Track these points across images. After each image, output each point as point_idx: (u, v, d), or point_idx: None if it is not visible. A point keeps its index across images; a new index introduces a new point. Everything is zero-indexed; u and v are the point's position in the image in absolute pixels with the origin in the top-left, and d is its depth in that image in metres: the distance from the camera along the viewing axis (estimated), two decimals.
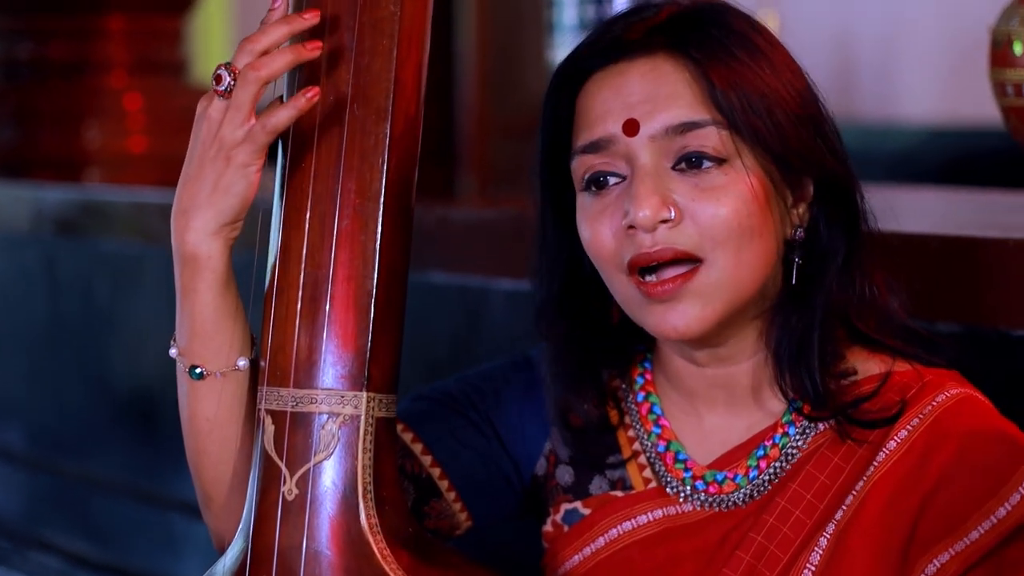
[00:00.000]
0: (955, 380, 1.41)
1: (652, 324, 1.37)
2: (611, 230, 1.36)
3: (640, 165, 1.35)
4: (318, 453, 1.33)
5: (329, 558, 1.32)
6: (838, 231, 1.40)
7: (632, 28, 1.38)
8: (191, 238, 1.36)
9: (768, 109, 1.35)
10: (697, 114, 1.35)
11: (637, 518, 1.44)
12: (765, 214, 1.36)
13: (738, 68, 1.35)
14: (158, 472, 2.93)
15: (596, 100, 1.38)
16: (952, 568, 1.35)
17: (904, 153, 4.52)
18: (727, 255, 1.35)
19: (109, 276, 3.00)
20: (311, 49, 1.32)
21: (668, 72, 1.36)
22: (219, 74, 1.31)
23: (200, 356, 1.38)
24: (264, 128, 1.31)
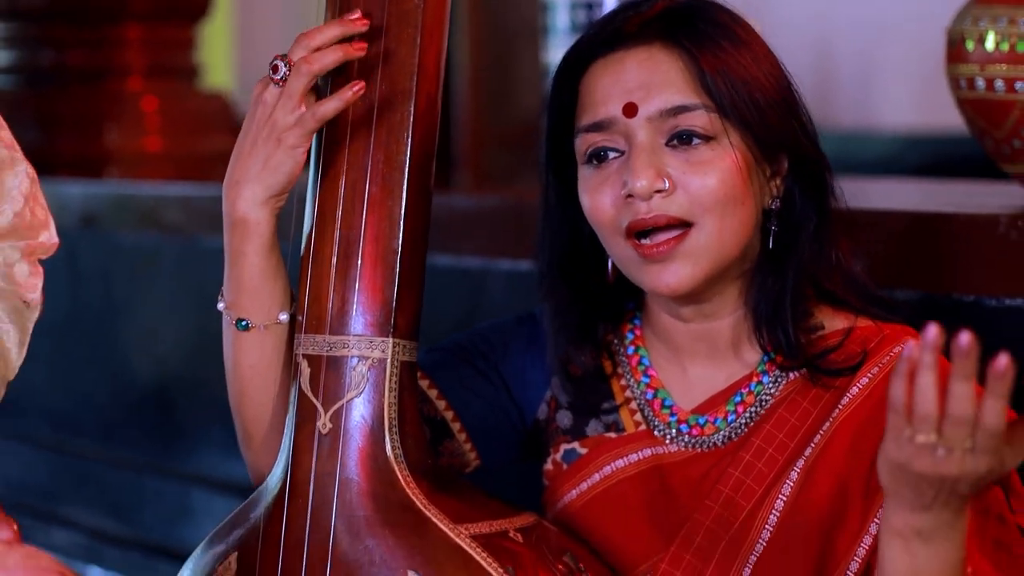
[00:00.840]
0: (910, 334, 1.55)
1: (648, 281, 1.51)
2: (611, 199, 1.50)
3: (638, 142, 1.49)
4: (349, 392, 1.48)
5: (358, 484, 1.46)
6: (809, 203, 1.54)
7: (629, 21, 1.52)
8: (241, 206, 1.51)
9: (750, 93, 1.49)
10: (688, 98, 1.49)
11: (628, 456, 1.58)
12: (747, 185, 1.50)
13: (724, 57, 1.49)
14: (174, 450, 3.00)
15: (598, 85, 1.51)
16: None
17: (881, 159, 4.56)
18: (714, 220, 1.48)
19: (128, 266, 3.07)
20: (357, 49, 1.47)
21: (662, 60, 1.50)
22: (276, 64, 1.45)
23: (246, 310, 1.53)
24: (314, 115, 1.46)
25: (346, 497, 1.47)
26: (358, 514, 1.46)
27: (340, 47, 1.47)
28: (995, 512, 1.46)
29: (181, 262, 2.97)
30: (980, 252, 1.85)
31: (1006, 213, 1.85)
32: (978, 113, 2.06)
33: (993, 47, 2.00)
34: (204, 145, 3.43)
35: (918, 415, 1.29)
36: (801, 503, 1.51)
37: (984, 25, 2.02)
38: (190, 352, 2.96)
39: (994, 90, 2.01)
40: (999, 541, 1.46)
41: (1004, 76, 2.00)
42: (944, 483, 1.31)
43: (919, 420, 1.29)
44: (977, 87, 2.03)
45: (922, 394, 1.28)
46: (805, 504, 1.50)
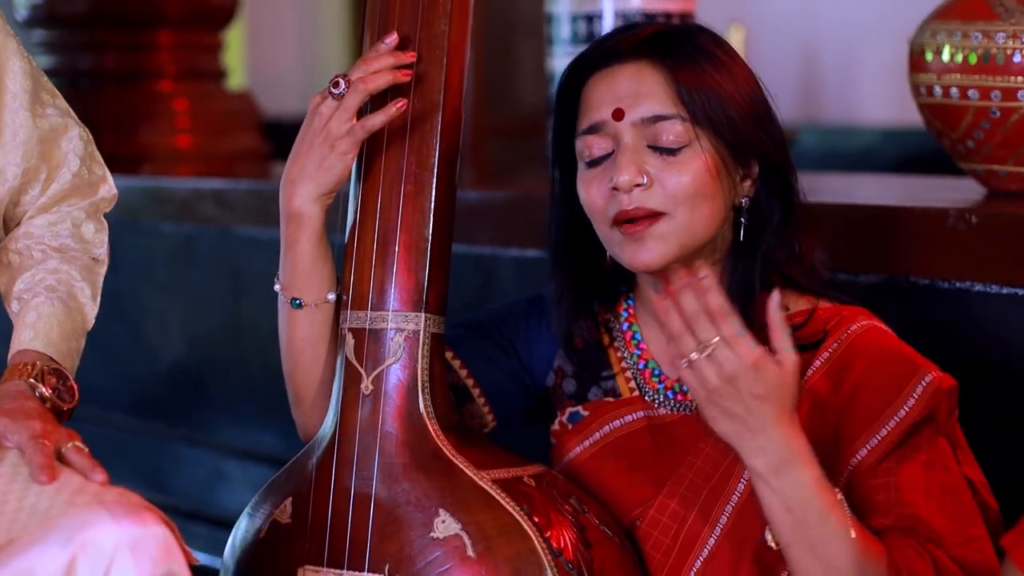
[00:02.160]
0: (865, 315, 1.73)
1: (626, 258, 1.70)
2: (600, 192, 1.70)
3: (623, 143, 1.69)
4: (388, 359, 1.68)
5: (396, 436, 1.67)
6: (775, 202, 1.72)
7: (624, 40, 1.72)
8: (296, 202, 1.70)
9: (723, 107, 1.68)
10: (667, 109, 1.69)
11: (624, 418, 1.77)
12: (716, 184, 1.69)
13: (701, 75, 1.68)
14: (207, 422, 3.16)
15: (594, 93, 1.72)
16: (869, 460, 1.65)
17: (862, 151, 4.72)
18: (684, 211, 1.68)
19: (165, 254, 3.22)
20: (404, 75, 1.68)
21: (648, 75, 1.70)
22: (337, 80, 1.65)
23: (299, 290, 1.72)
24: (363, 127, 1.66)
25: (386, 447, 1.66)
26: (396, 461, 1.66)
27: (391, 72, 1.67)
28: (940, 464, 1.65)
29: (214, 250, 3.12)
30: (933, 241, 2.04)
31: (956, 207, 2.05)
32: (936, 117, 2.24)
33: (948, 58, 2.18)
34: (231, 142, 3.55)
35: (676, 334, 1.55)
36: None
37: (941, 38, 2.20)
38: (223, 332, 3.11)
39: (950, 97, 2.19)
40: (945, 487, 1.64)
41: (958, 84, 2.17)
42: (731, 389, 1.54)
43: (680, 339, 1.55)
44: (935, 94, 2.21)
45: (674, 317, 1.56)
46: None
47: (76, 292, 1.78)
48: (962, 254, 2.03)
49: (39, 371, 1.69)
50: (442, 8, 1.71)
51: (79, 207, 1.83)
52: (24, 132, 1.79)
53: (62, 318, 1.74)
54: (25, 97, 1.79)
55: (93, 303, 1.80)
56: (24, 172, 1.79)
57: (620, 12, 2.72)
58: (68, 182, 1.82)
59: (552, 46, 2.80)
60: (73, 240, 1.82)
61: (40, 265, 1.78)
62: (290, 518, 1.70)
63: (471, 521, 1.63)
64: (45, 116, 1.81)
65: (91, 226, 1.84)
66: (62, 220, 1.81)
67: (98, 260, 1.84)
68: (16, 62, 1.80)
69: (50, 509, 1.50)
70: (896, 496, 1.64)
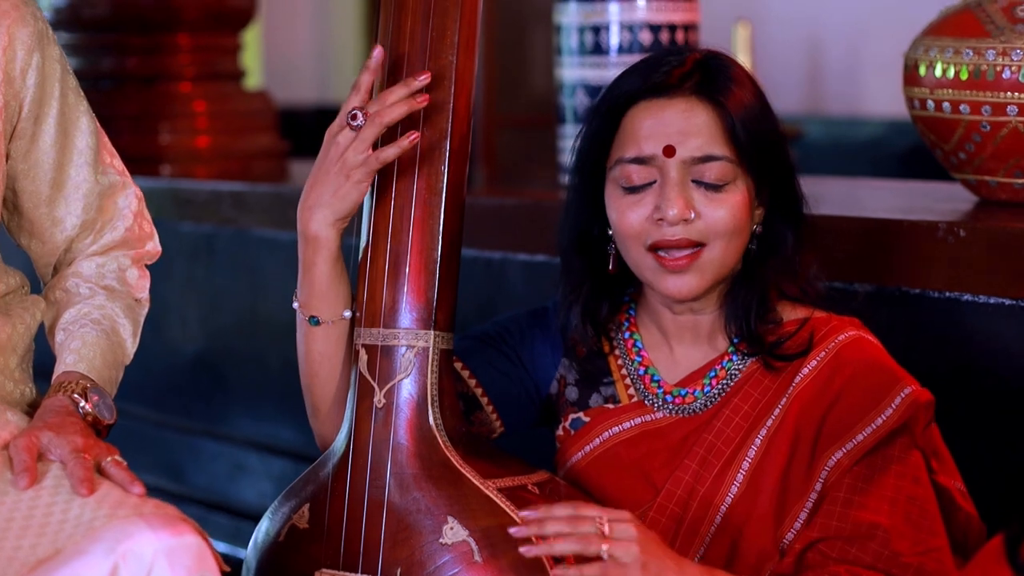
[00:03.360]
0: (854, 326, 1.80)
1: (663, 287, 1.76)
2: (640, 218, 1.75)
3: (672, 177, 1.74)
4: (399, 374, 1.75)
5: (407, 447, 1.73)
6: (788, 228, 1.80)
7: (671, 74, 1.76)
8: (313, 226, 1.76)
9: (761, 144, 1.76)
10: (716, 149, 1.74)
11: (623, 423, 1.84)
12: (747, 217, 1.77)
13: (746, 114, 1.75)
14: (226, 416, 3.21)
15: (643, 124, 1.76)
16: (845, 462, 1.72)
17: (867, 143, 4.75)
18: (721, 244, 1.75)
19: (186, 253, 3.27)
20: (421, 101, 1.73)
21: (699, 113, 1.75)
22: (355, 113, 1.71)
23: (316, 309, 1.80)
24: (377, 158, 1.73)
25: (397, 458, 1.73)
26: (407, 471, 1.72)
27: (406, 101, 1.73)
28: (911, 475, 1.73)
29: (233, 250, 3.17)
30: (923, 253, 2.10)
31: (945, 220, 2.11)
32: (929, 129, 2.30)
33: (941, 74, 2.23)
34: (249, 142, 3.58)
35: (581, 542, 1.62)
36: (767, 466, 1.76)
37: (934, 54, 2.25)
38: (242, 329, 3.17)
39: (942, 111, 2.24)
40: (913, 497, 1.72)
41: (950, 99, 2.23)
42: (647, 545, 1.63)
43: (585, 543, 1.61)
44: (928, 107, 2.27)
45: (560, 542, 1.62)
46: (770, 466, 1.76)
47: (119, 328, 1.87)
48: (951, 265, 2.09)
49: (82, 388, 1.77)
50: (450, 40, 1.77)
51: (126, 255, 1.92)
52: (86, 187, 1.89)
53: (104, 348, 1.84)
54: (90, 154, 1.90)
55: (133, 340, 1.89)
56: (82, 223, 1.90)
57: (626, 23, 2.75)
58: (120, 235, 1.92)
59: (560, 56, 2.84)
60: (118, 282, 1.91)
61: (87, 300, 1.88)
62: (308, 523, 1.77)
63: (477, 528, 1.69)
64: (106, 174, 1.91)
65: (135, 272, 1.93)
66: (110, 263, 1.91)
67: (140, 302, 1.93)
68: (85, 121, 1.90)
69: (93, 521, 1.58)
70: (860, 500, 1.70)
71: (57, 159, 1.88)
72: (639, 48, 2.75)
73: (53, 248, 1.92)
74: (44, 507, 1.62)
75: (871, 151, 4.74)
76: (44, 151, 1.87)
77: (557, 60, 2.84)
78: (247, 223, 3.11)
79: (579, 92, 2.80)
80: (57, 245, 1.92)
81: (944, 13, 2.31)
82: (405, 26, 1.78)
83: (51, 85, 1.87)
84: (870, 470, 1.73)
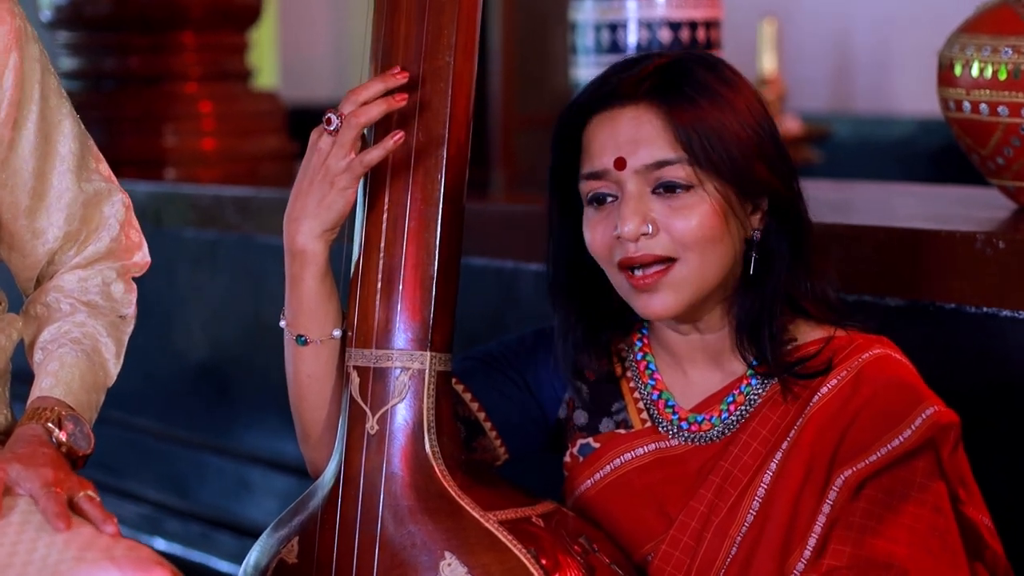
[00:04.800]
0: (880, 343, 1.71)
1: (638, 307, 1.70)
2: (603, 236, 1.68)
3: (627, 191, 1.67)
4: (393, 398, 1.67)
5: (402, 477, 1.65)
6: (784, 237, 1.70)
7: (624, 82, 1.69)
8: (300, 239, 1.68)
9: (724, 146, 1.66)
10: (668, 153, 1.66)
11: (636, 450, 1.76)
12: (724, 225, 1.67)
13: (700, 114, 1.65)
14: (231, 430, 3.17)
15: (596, 138, 1.69)
16: (853, 480, 1.64)
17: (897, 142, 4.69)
18: (694, 256, 1.66)
19: (189, 260, 3.22)
20: (399, 100, 1.65)
21: (648, 119, 1.67)
22: (329, 117, 1.63)
23: (304, 327, 1.71)
24: (361, 162, 1.64)
25: (391, 488, 1.65)
26: (402, 503, 1.65)
27: (383, 100, 1.65)
28: (932, 503, 1.63)
29: (237, 257, 3.12)
30: (960, 265, 2.02)
31: (983, 231, 2.03)
32: (965, 132, 2.21)
33: (978, 73, 2.15)
34: (256, 144, 3.53)
35: None
36: (778, 490, 1.68)
37: (970, 53, 2.16)
38: (246, 339, 3.12)
39: (979, 113, 2.16)
40: (934, 527, 1.63)
41: (988, 100, 2.14)
42: None
43: None
44: (964, 109, 2.18)
45: None
46: (781, 491, 1.68)
47: (101, 347, 1.78)
48: (989, 279, 2.00)
49: (57, 416, 1.68)
50: (446, 41, 1.68)
51: (111, 267, 1.83)
52: (69, 195, 1.80)
53: (84, 370, 1.75)
54: (73, 160, 1.80)
55: (116, 360, 1.80)
56: (65, 235, 1.80)
57: (644, 20, 2.68)
58: (105, 245, 1.83)
59: (576, 55, 2.76)
60: (102, 297, 1.82)
61: (68, 318, 1.79)
62: (297, 558, 1.70)
63: (477, 564, 1.62)
64: (90, 181, 1.82)
65: (120, 286, 1.84)
66: (93, 277, 1.82)
67: (125, 319, 1.84)
68: (68, 125, 1.80)
69: (59, 564, 1.49)
70: (875, 527, 1.62)
71: (38, 167, 1.78)
72: (658, 47, 2.67)
73: (34, 261, 1.83)
74: (9, 545, 1.52)
75: (901, 150, 4.67)
76: (23, 158, 1.77)
77: (572, 59, 2.76)
78: (251, 229, 3.05)
79: None
80: (39, 258, 1.82)
81: (981, 8, 2.23)
82: (399, 25, 1.70)
83: (30, 87, 1.77)
84: (887, 495, 1.64)
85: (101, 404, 1.79)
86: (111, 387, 1.80)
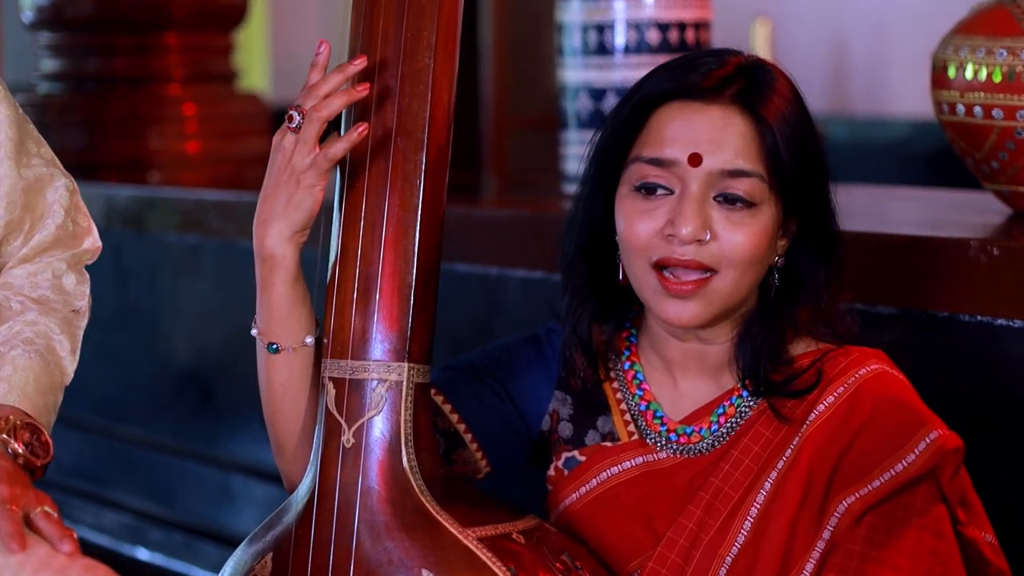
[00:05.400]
0: (877, 358, 1.66)
1: (661, 311, 1.63)
2: (649, 229, 1.61)
3: (691, 191, 1.60)
4: (370, 411, 1.62)
5: (378, 492, 1.61)
6: (818, 266, 1.65)
7: (709, 76, 1.61)
8: (269, 243, 1.64)
9: (804, 172, 1.61)
10: (748, 164, 1.60)
11: (623, 463, 1.71)
12: (767, 247, 1.63)
13: (788, 132, 1.60)
14: (215, 437, 3.13)
15: (670, 126, 1.61)
16: (856, 508, 1.59)
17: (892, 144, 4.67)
18: (734, 273, 1.61)
19: (171, 265, 3.19)
20: (360, 91, 1.60)
21: (736, 123, 1.60)
22: (291, 114, 1.59)
23: (276, 335, 1.67)
24: (326, 156, 1.60)
25: (367, 504, 1.60)
26: (378, 519, 1.60)
27: (344, 92, 1.60)
28: (934, 528, 1.59)
29: (220, 262, 3.09)
30: (954, 273, 1.98)
31: (977, 237, 1.99)
32: (959, 136, 2.18)
33: (972, 75, 2.12)
34: (241, 147, 3.50)
35: None
36: (774, 512, 1.63)
37: (964, 54, 2.13)
38: (230, 345, 3.08)
39: (973, 116, 2.12)
40: (936, 553, 1.58)
41: (982, 103, 2.11)
42: None
43: None
44: (958, 112, 2.15)
45: None
46: (777, 513, 1.63)
47: (55, 346, 1.73)
48: (983, 286, 1.97)
49: (12, 426, 1.63)
50: (426, 41, 1.63)
51: (61, 258, 1.77)
52: (8, 183, 1.73)
53: (39, 372, 1.70)
54: (10, 146, 1.74)
55: (72, 357, 1.75)
56: (6, 224, 1.74)
57: (632, 21, 2.63)
58: (51, 234, 1.77)
59: (563, 56, 2.71)
60: (53, 292, 1.76)
61: (18, 317, 1.73)
62: (270, 574, 1.65)
63: None
64: (30, 166, 1.75)
65: (72, 277, 1.78)
66: (42, 271, 1.76)
67: (78, 312, 1.78)
68: (2, 109, 1.74)
69: None
70: (877, 555, 1.58)
71: None
72: (647, 48, 2.62)
73: None
74: None
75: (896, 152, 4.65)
76: None
77: (559, 61, 2.71)
78: (235, 234, 3.01)
79: (582, 95, 2.67)
80: None
81: (976, 9, 2.20)
82: (377, 26, 1.65)
83: None
84: (889, 522, 1.59)
85: (59, 404, 1.74)
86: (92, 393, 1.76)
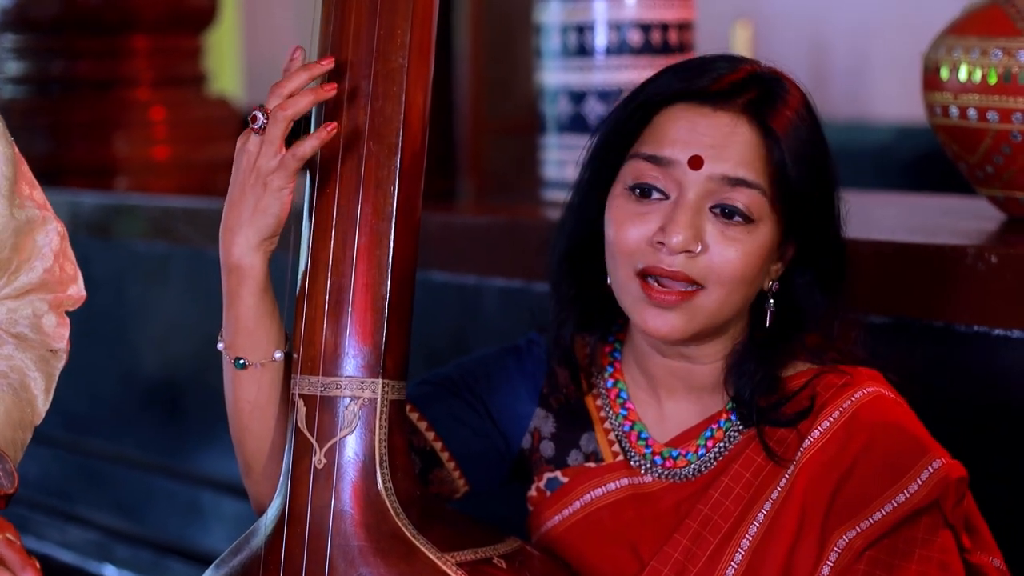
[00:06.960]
0: (873, 380, 1.58)
1: (641, 320, 1.56)
2: (638, 234, 1.54)
3: (687, 198, 1.53)
4: (342, 429, 1.55)
5: (352, 515, 1.53)
6: (820, 293, 1.58)
7: (720, 81, 1.55)
8: (236, 252, 1.57)
9: (810, 189, 1.54)
10: (751, 175, 1.52)
11: (607, 485, 1.64)
12: (760, 268, 1.55)
13: (798, 147, 1.53)
14: (184, 452, 3.06)
15: (675, 125, 1.54)
16: (858, 543, 1.52)
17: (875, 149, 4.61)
18: (721, 291, 1.54)
19: (138, 274, 3.12)
20: (328, 90, 1.53)
21: (744, 132, 1.53)
22: (255, 115, 1.52)
23: (243, 349, 1.60)
24: (294, 156, 1.52)
25: (341, 528, 1.53)
26: (352, 544, 1.53)
27: (311, 91, 1.53)
28: (937, 559, 1.52)
29: (189, 271, 3.03)
30: (950, 282, 1.93)
31: (973, 244, 1.93)
32: (952, 139, 2.12)
33: (966, 77, 2.06)
34: (210, 152, 3.43)
35: None
36: (770, 544, 1.56)
37: (958, 55, 2.07)
38: (199, 357, 2.99)
39: (967, 119, 2.07)
40: None
41: (976, 106, 2.05)
42: None
43: None
44: (951, 115, 2.09)
45: None
46: (773, 546, 1.56)
47: (29, 383, 1.69)
48: (980, 296, 1.91)
49: None
50: (400, 40, 1.56)
51: (43, 299, 1.73)
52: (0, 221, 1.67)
53: (10, 407, 1.65)
54: (5, 184, 1.68)
55: (45, 396, 1.71)
56: None
57: (613, 22, 2.56)
58: (38, 276, 1.72)
59: (542, 59, 2.64)
60: (31, 330, 1.71)
61: None
62: None
63: None
64: (23, 207, 1.70)
65: (52, 319, 1.73)
66: (23, 307, 1.71)
67: (56, 353, 1.73)
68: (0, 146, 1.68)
69: None
70: None
71: None
72: (628, 50, 2.56)
73: None
74: None
75: (878, 157, 4.60)
76: None
77: (538, 63, 2.64)
78: (203, 242, 2.94)
79: (562, 99, 2.60)
80: None
81: (968, 9, 2.14)
82: (348, 23, 1.58)
83: None
84: (890, 556, 1.52)
85: (28, 442, 1.69)
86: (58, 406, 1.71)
